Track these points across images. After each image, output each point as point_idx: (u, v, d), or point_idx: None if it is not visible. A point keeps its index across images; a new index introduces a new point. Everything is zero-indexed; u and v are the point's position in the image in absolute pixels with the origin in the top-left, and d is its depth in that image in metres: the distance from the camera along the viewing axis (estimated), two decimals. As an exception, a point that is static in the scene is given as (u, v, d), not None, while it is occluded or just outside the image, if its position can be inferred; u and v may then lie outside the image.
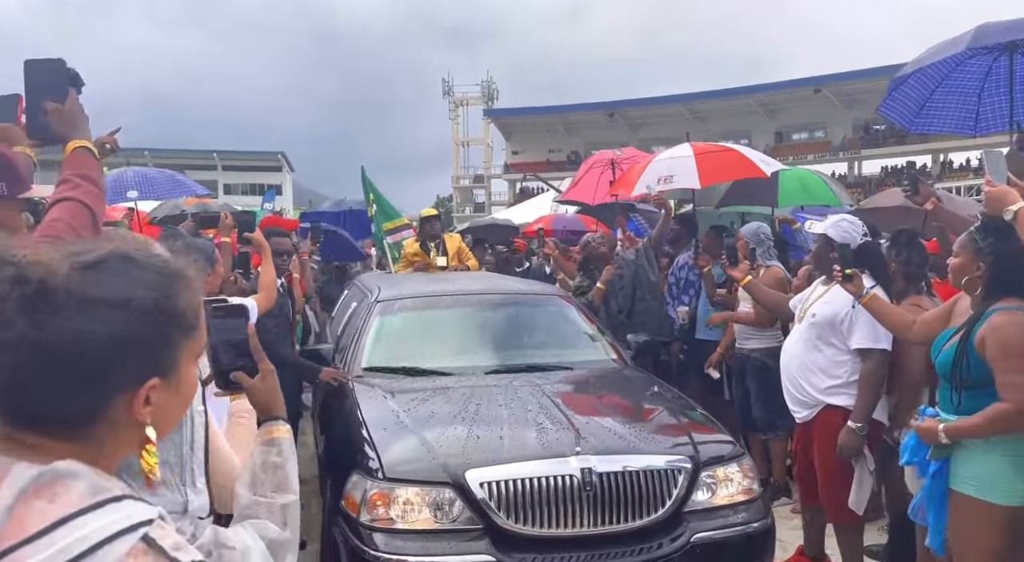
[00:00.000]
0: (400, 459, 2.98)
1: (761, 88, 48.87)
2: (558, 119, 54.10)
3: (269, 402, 1.31)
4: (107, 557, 0.72)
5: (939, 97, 4.49)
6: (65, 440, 0.81)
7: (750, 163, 5.23)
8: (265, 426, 1.29)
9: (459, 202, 59.93)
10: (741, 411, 5.06)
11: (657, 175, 5.27)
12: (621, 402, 3.69)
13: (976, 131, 4.55)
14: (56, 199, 1.47)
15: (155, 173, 7.32)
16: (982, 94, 4.44)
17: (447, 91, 59.60)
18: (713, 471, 3.14)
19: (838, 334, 3.40)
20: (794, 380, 3.54)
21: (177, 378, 0.89)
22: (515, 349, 4.26)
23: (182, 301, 0.89)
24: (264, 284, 3.73)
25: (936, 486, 2.73)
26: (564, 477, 2.89)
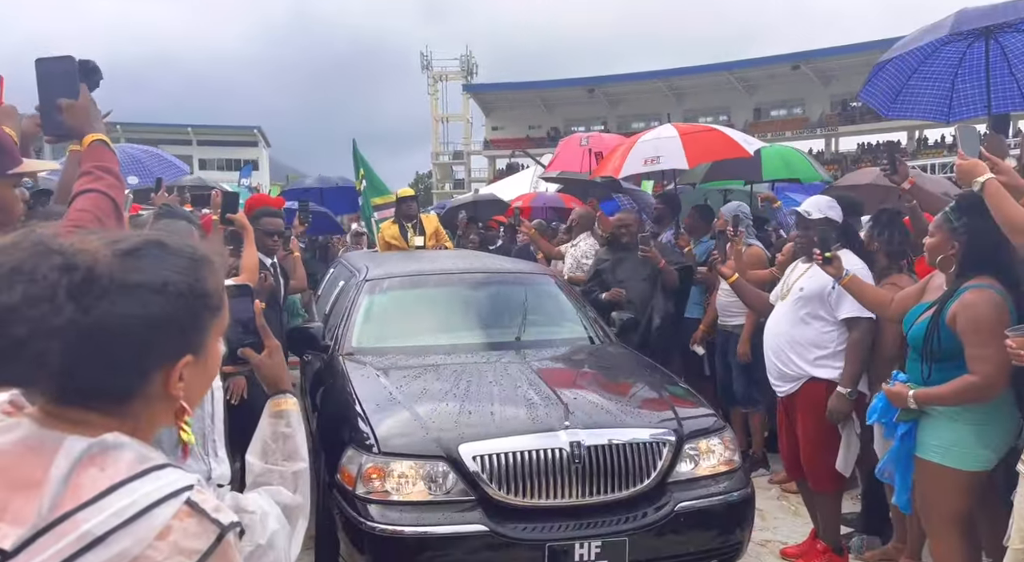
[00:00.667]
0: (394, 433, 3.07)
1: (740, 64, 49.00)
2: (537, 95, 53.87)
3: (276, 377, 1.39)
4: (156, 519, 0.79)
5: (915, 83, 4.59)
6: (109, 414, 0.88)
7: (734, 143, 5.33)
8: (273, 399, 1.37)
9: (439, 179, 59.66)
10: (722, 385, 5.21)
11: (643, 156, 5.35)
12: (607, 378, 3.80)
13: (949, 117, 4.67)
14: (80, 190, 1.52)
15: (141, 154, 7.23)
16: (955, 81, 4.55)
17: (425, 65, 58.97)
18: (696, 443, 3.26)
19: (826, 306, 3.52)
20: (780, 355, 3.64)
21: (206, 354, 0.96)
22: (503, 327, 4.35)
23: (210, 284, 0.95)
24: (246, 266, 3.70)
25: (903, 448, 2.90)
26: (554, 450, 2.99)
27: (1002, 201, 2.46)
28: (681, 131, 5.47)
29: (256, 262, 3.80)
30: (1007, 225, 2.47)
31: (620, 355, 4.16)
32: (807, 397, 3.57)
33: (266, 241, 4.27)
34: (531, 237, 6.80)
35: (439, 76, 59.29)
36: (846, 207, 4.07)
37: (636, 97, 51.85)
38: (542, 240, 6.74)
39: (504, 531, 2.88)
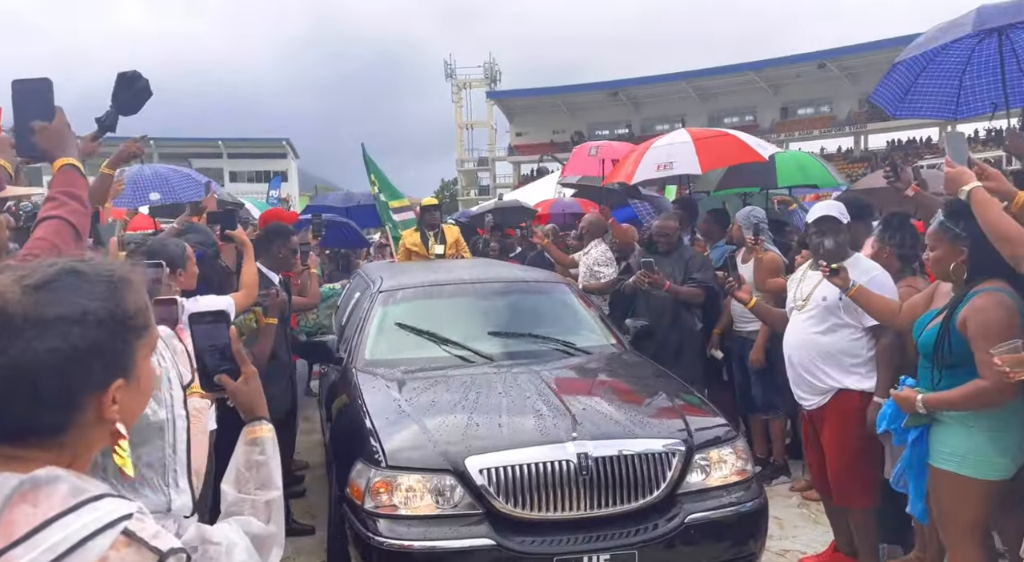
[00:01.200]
0: (402, 447, 3.08)
1: (765, 64, 48.46)
2: (561, 100, 53.86)
3: (252, 403, 1.38)
4: (91, 552, 0.78)
5: (923, 82, 4.50)
6: (42, 448, 0.87)
7: (748, 148, 5.27)
8: (248, 426, 1.36)
9: (464, 185, 59.91)
10: (741, 392, 5.14)
11: (656, 162, 5.32)
12: (617, 387, 3.77)
13: (956, 114, 4.57)
14: (42, 217, 1.52)
15: (169, 172, 7.36)
16: (963, 78, 4.46)
17: (449, 74, 59.29)
18: (707, 453, 3.22)
19: (851, 313, 3.41)
20: (809, 367, 3.50)
21: (137, 375, 0.95)
22: (515, 336, 4.34)
23: (131, 305, 0.94)
24: (245, 282, 3.68)
25: (915, 455, 2.83)
26: (561, 462, 2.98)
27: (987, 209, 2.44)
28: (694, 136, 5.42)
29: (255, 278, 3.76)
30: (992, 233, 2.44)
31: (633, 364, 4.13)
32: (837, 409, 3.44)
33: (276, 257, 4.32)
34: (544, 246, 6.70)
35: (463, 84, 59.60)
36: (857, 210, 4.02)
37: (660, 99, 51.58)
38: (555, 249, 6.64)
39: (511, 545, 2.87)
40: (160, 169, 7.46)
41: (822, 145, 47.09)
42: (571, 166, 8.25)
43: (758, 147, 5.29)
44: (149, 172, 7.24)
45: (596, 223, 6.22)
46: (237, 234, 3.90)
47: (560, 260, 6.53)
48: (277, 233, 4.37)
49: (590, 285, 5.78)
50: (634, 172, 5.48)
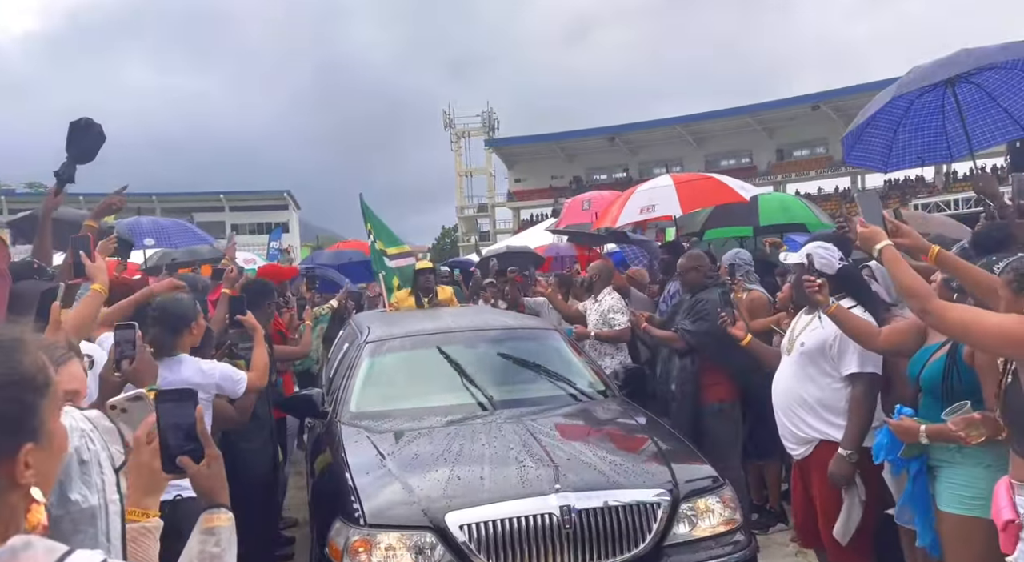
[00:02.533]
0: (381, 505, 3.02)
1: (760, 107, 49.21)
2: (559, 146, 54.61)
3: (213, 489, 1.34)
4: None
5: (903, 136, 4.59)
6: None
7: (728, 189, 5.33)
8: (207, 514, 1.32)
9: (464, 231, 60.27)
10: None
11: (639, 206, 5.37)
12: (602, 435, 3.72)
13: (952, 156, 4.65)
14: None
15: (168, 223, 7.51)
16: (945, 123, 4.55)
17: (448, 124, 60.24)
18: (693, 503, 3.15)
19: (830, 361, 3.33)
20: (790, 415, 3.45)
21: (47, 436, 0.92)
22: (502, 385, 4.30)
23: (28, 366, 0.92)
24: (255, 365, 3.61)
25: (917, 488, 2.76)
26: (544, 515, 2.91)
27: (895, 267, 2.57)
28: (676, 180, 5.50)
29: (266, 362, 3.69)
30: (902, 290, 2.55)
31: (620, 411, 4.08)
32: (820, 460, 3.34)
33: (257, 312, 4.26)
34: (548, 297, 6.44)
35: (461, 133, 60.51)
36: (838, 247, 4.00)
37: (657, 144, 52.24)
38: (558, 300, 6.39)
39: (493, 603, 2.78)
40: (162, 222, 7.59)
41: (819, 185, 47.46)
42: (565, 219, 8.33)
43: (740, 189, 5.35)
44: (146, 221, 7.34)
45: (605, 270, 6.08)
46: (247, 319, 3.84)
47: (564, 311, 6.26)
48: (260, 294, 4.39)
49: (603, 333, 5.60)
50: (619, 216, 5.53)
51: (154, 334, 3.17)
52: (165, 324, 3.19)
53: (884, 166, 4.70)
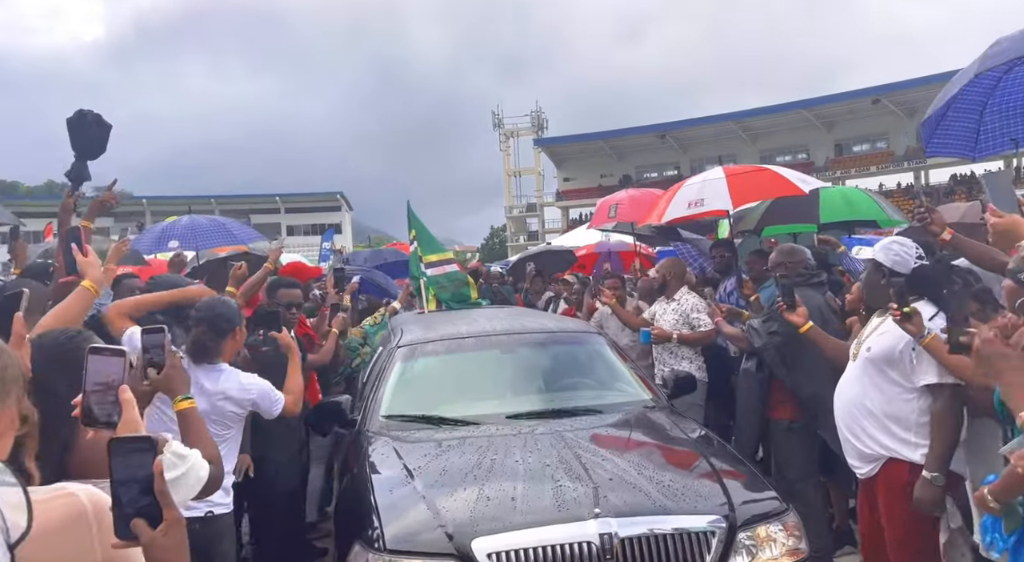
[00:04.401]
0: (403, 528, 2.75)
1: (816, 101, 47.69)
2: (607, 144, 53.99)
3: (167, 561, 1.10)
4: None
5: (991, 117, 4.08)
6: None
7: (785, 181, 4.91)
8: None
9: (513, 231, 60.15)
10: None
11: (687, 199, 5.00)
12: (649, 451, 3.38)
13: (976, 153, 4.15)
14: None
15: (206, 222, 7.36)
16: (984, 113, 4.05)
17: (497, 124, 60.20)
18: (753, 530, 2.80)
19: (900, 369, 2.93)
20: (852, 429, 3.08)
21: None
22: (541, 393, 4.01)
23: None
24: (290, 388, 3.31)
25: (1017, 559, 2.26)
26: (582, 544, 2.61)
27: None
28: (728, 172, 5.09)
29: (300, 387, 3.39)
30: None
31: (669, 422, 3.73)
32: (888, 482, 2.96)
33: (283, 314, 4.11)
34: (612, 307, 5.79)
35: (510, 132, 60.43)
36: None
37: (709, 140, 51.14)
38: (623, 311, 5.82)
39: (523, 643, 2.49)
40: (198, 219, 7.47)
41: (880, 181, 45.69)
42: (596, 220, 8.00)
43: (799, 182, 4.91)
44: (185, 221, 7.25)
45: (680, 267, 5.64)
46: (283, 338, 3.58)
47: (629, 322, 5.67)
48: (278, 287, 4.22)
49: (688, 336, 5.17)
50: (665, 211, 5.16)
51: (197, 336, 2.96)
52: (212, 325, 2.97)
53: (972, 152, 4.19)
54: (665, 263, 5.78)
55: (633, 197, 7.10)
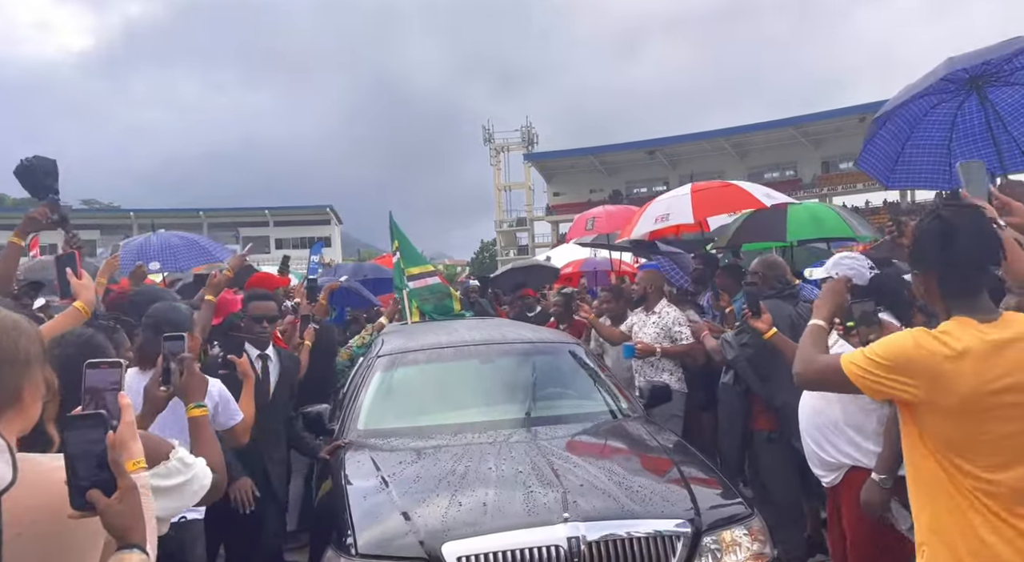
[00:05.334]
0: (375, 534, 2.80)
1: (804, 119, 48.24)
2: (598, 159, 54.35)
3: (124, 527, 1.17)
4: None
5: (910, 151, 4.19)
6: None
7: (747, 194, 5.05)
8: (118, 555, 1.15)
9: (503, 245, 60.28)
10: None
11: (655, 215, 5.13)
12: (620, 458, 3.44)
13: (951, 184, 4.24)
14: None
15: (178, 241, 7.40)
16: (951, 145, 4.15)
17: (487, 138, 60.51)
18: (718, 535, 2.87)
19: None
20: (816, 438, 3.16)
21: None
22: (518, 402, 4.07)
23: None
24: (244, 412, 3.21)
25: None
26: (550, 548, 2.66)
27: (1013, 253, 2.05)
28: (695, 188, 5.28)
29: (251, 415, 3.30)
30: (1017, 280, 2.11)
31: (642, 431, 3.80)
32: (850, 489, 3.03)
33: (254, 327, 3.98)
34: (591, 321, 5.82)
35: (501, 147, 60.72)
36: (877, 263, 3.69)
37: (698, 156, 51.59)
38: (603, 326, 5.86)
39: (491, 645, 2.54)
40: (169, 238, 7.50)
41: (867, 198, 46.14)
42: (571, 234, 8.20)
43: (763, 196, 5.04)
44: (156, 241, 7.27)
45: (659, 279, 5.67)
46: (241, 363, 3.54)
47: (610, 337, 5.66)
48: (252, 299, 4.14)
49: (671, 349, 5.19)
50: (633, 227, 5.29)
51: (143, 342, 2.99)
52: (158, 331, 3.01)
53: (887, 181, 4.28)
54: (645, 275, 5.83)
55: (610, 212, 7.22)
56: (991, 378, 1.77)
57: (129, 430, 1.47)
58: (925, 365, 1.80)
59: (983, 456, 1.79)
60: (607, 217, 7.05)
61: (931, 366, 1.80)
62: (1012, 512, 1.76)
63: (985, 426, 1.78)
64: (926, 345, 1.82)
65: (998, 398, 1.77)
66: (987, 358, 1.78)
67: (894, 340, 1.90)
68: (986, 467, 1.78)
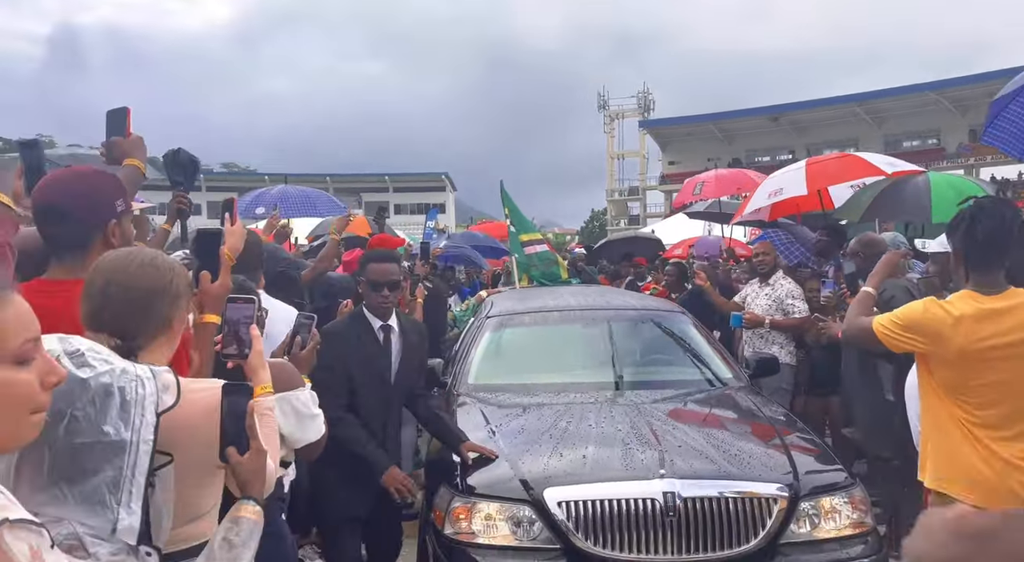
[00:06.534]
0: (483, 476, 3.03)
1: (950, 83, 44.32)
2: (716, 126, 52.34)
3: (247, 481, 1.39)
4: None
5: None
6: None
7: (866, 163, 4.83)
8: (238, 503, 1.38)
9: (613, 215, 59.58)
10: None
11: (768, 190, 5.02)
12: (721, 423, 3.51)
13: None
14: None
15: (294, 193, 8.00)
16: None
17: (602, 105, 59.61)
18: (816, 501, 2.90)
19: None
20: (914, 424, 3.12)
21: None
22: (620, 366, 4.17)
23: None
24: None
25: None
26: (646, 500, 2.79)
27: None
28: (809, 161, 5.13)
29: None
30: None
31: (745, 399, 3.82)
32: None
33: (372, 296, 3.28)
34: (706, 290, 5.93)
35: (615, 114, 59.66)
36: None
37: (827, 123, 48.67)
38: (715, 293, 5.96)
39: (587, 585, 2.72)
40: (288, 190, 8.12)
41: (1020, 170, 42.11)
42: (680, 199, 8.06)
43: (885, 164, 4.80)
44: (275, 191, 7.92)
45: (773, 250, 5.65)
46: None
47: (723, 305, 5.79)
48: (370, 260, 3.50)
49: (780, 322, 5.18)
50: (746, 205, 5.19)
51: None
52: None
53: (1020, 153, 4.01)
54: (762, 247, 5.79)
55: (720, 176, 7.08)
56: (981, 338, 2.33)
57: (259, 359, 1.75)
58: (930, 326, 2.39)
59: (974, 397, 2.37)
60: (716, 181, 6.92)
61: (934, 327, 2.38)
62: (992, 439, 2.35)
63: (975, 374, 2.35)
64: (932, 311, 2.40)
65: (986, 353, 2.32)
66: (979, 322, 2.33)
67: (910, 307, 2.50)
68: (976, 405, 2.37)
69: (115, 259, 1.53)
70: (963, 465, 2.37)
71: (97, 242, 1.79)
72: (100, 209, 1.80)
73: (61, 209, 1.76)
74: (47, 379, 1.04)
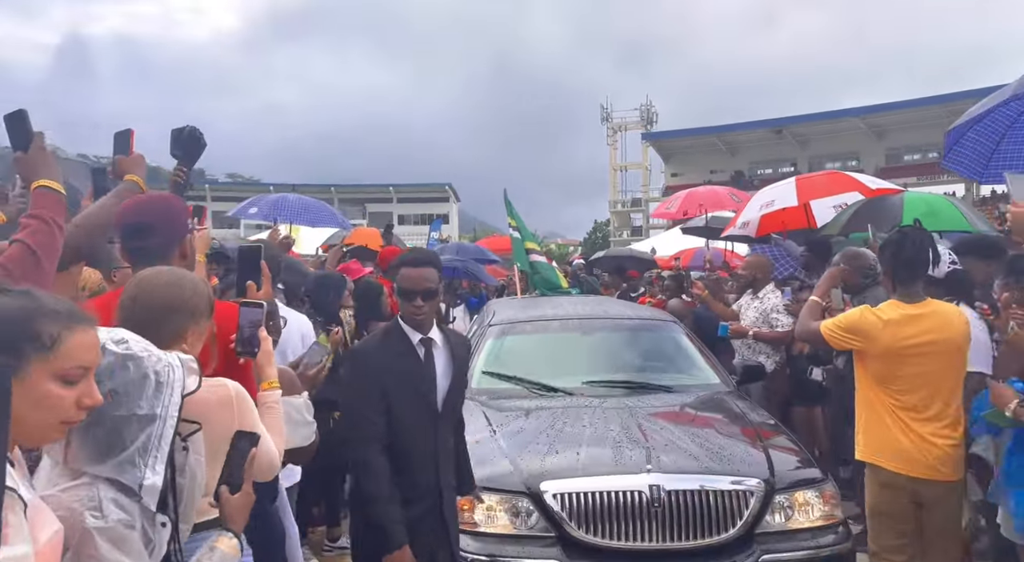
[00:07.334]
0: (485, 471, 3.27)
1: (953, 97, 44.49)
2: (719, 139, 52.63)
3: (232, 517, 1.59)
4: None
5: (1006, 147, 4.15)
6: None
7: (852, 179, 5.14)
8: (219, 534, 1.57)
9: (616, 226, 59.86)
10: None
11: (760, 203, 5.30)
12: (705, 424, 3.77)
13: None
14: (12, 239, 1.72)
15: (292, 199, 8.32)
16: None
17: (605, 117, 60.02)
18: (790, 495, 3.17)
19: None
20: None
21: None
22: (615, 372, 4.44)
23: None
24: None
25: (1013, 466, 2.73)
26: (633, 492, 3.06)
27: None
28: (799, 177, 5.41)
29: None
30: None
31: (730, 403, 4.09)
32: None
33: (406, 308, 2.74)
34: (704, 298, 6.08)
35: (618, 126, 60.06)
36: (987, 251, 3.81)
37: (829, 136, 48.95)
38: (714, 302, 6.10)
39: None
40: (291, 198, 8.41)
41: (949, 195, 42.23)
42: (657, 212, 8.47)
43: (868, 182, 5.11)
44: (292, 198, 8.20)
45: (767, 265, 5.89)
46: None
47: (723, 314, 5.91)
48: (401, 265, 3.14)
49: (763, 334, 5.43)
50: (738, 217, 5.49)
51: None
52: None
53: (980, 177, 4.30)
54: (751, 261, 6.07)
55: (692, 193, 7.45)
56: (903, 338, 2.94)
57: (266, 357, 2.03)
58: (864, 328, 3.00)
59: (898, 385, 2.97)
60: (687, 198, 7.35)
61: (867, 329, 3.00)
62: (912, 419, 2.94)
63: (899, 367, 2.95)
64: (867, 316, 3.03)
65: (907, 350, 2.93)
66: (902, 325, 2.95)
67: (849, 314, 3.14)
68: (899, 392, 2.98)
69: (147, 276, 1.74)
70: (890, 441, 2.96)
71: (176, 254, 2.07)
72: (178, 226, 2.11)
73: (151, 226, 2.04)
74: (83, 401, 1.22)
